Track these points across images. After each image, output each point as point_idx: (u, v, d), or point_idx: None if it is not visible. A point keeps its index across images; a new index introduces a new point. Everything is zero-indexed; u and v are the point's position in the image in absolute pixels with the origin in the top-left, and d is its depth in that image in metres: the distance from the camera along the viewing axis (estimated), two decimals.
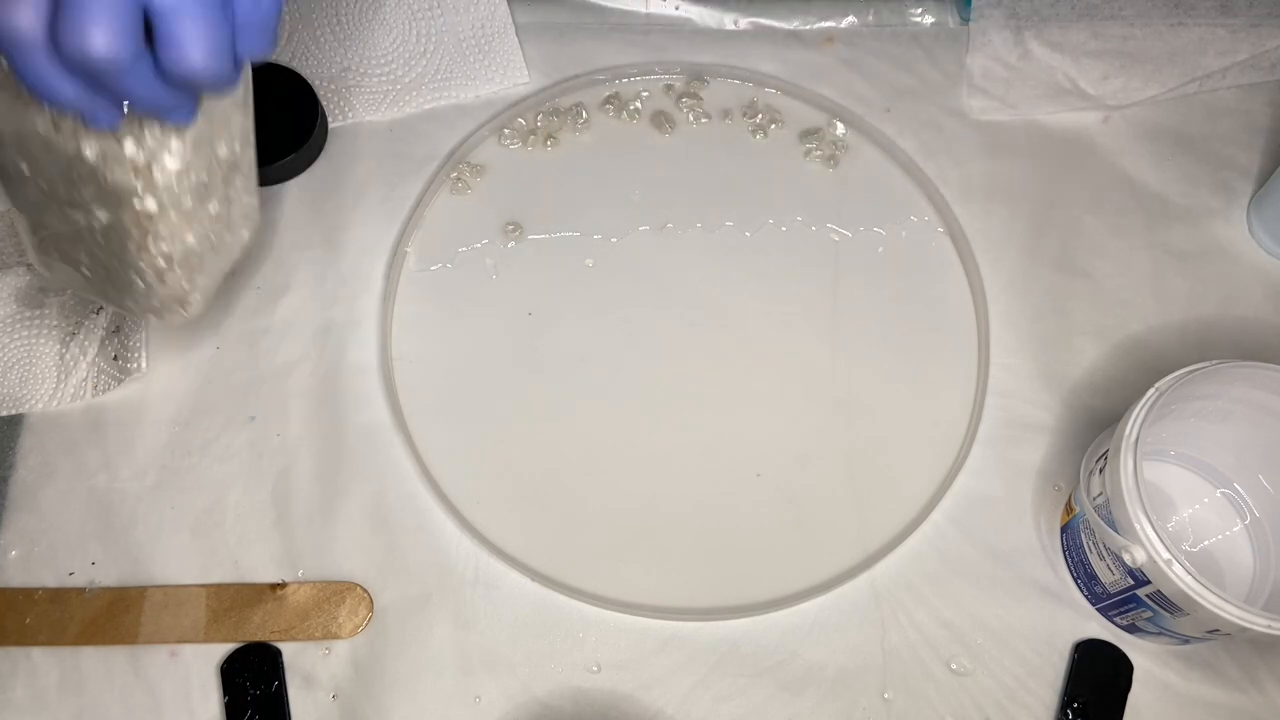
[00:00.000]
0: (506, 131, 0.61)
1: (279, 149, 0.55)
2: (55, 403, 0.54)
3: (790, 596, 0.51)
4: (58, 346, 0.54)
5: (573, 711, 0.49)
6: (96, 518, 0.52)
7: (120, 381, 0.54)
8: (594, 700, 0.49)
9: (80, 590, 0.50)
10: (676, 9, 0.65)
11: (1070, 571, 0.51)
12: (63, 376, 0.54)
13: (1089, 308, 0.58)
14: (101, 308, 0.54)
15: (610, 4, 0.65)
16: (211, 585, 0.51)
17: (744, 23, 0.65)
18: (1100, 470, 0.47)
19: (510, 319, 0.57)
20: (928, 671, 0.50)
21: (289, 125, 0.59)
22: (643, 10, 0.65)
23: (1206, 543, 0.52)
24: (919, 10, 0.65)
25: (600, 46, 0.64)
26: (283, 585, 0.50)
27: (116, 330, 0.55)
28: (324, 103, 0.61)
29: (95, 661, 0.49)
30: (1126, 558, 0.44)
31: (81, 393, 0.54)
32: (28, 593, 0.50)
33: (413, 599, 0.51)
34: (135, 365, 0.54)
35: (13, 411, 0.54)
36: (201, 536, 0.52)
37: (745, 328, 0.57)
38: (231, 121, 0.41)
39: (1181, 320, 0.58)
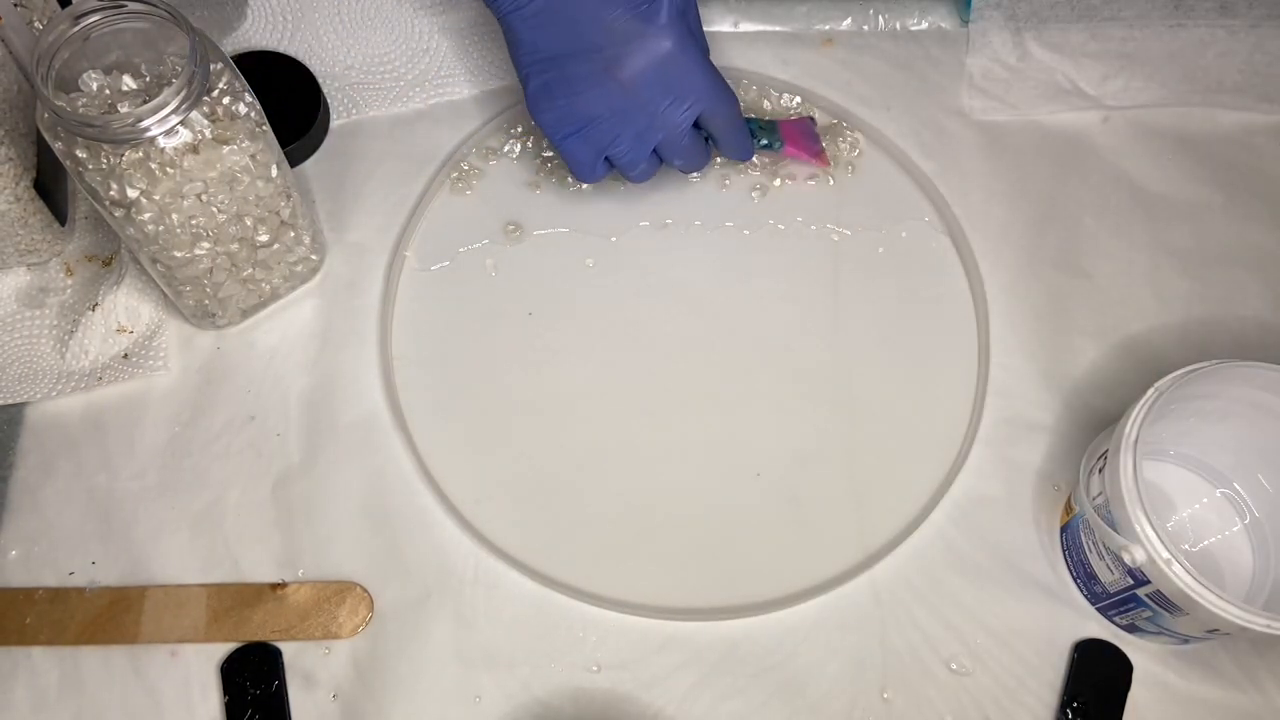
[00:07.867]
0: (507, 131, 0.61)
1: (281, 139, 0.54)
2: (55, 393, 0.54)
3: (790, 596, 0.51)
4: (57, 344, 0.54)
5: (573, 711, 0.49)
6: (96, 517, 0.52)
7: (131, 376, 0.54)
8: (594, 700, 0.49)
9: (80, 590, 0.50)
10: None
11: (1070, 571, 0.51)
12: (63, 373, 0.54)
13: (1089, 308, 0.58)
14: (97, 304, 0.54)
15: None
16: (212, 585, 0.51)
17: (744, 24, 0.65)
18: (1100, 470, 0.47)
19: (510, 319, 0.57)
20: (927, 671, 0.50)
21: (292, 115, 0.59)
22: None
23: (1206, 542, 0.52)
24: (918, 12, 0.65)
25: None
26: (283, 585, 0.50)
27: (121, 329, 0.55)
28: (327, 99, 0.61)
29: (95, 661, 0.49)
30: (1126, 557, 0.44)
31: (84, 386, 0.54)
32: (28, 592, 0.50)
33: (413, 599, 0.51)
34: (158, 363, 0.54)
35: (11, 401, 0.53)
36: (202, 536, 0.52)
37: (745, 327, 0.57)
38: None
39: (1181, 320, 0.58)
